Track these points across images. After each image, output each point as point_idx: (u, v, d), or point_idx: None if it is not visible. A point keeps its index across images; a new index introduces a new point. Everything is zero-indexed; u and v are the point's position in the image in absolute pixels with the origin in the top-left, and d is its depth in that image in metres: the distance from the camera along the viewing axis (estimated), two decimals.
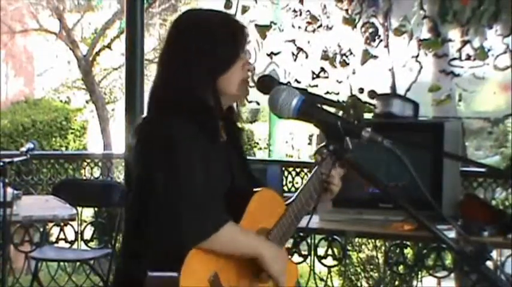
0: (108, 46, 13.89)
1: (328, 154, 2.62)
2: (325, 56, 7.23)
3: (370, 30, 7.07)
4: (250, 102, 5.44)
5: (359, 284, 8.00)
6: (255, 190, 2.61)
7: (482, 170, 6.13)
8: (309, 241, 5.95)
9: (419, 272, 6.17)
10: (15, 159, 5.66)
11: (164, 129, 2.48)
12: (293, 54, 7.30)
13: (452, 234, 4.15)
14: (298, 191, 2.67)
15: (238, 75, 2.57)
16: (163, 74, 2.60)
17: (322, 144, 2.70)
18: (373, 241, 7.65)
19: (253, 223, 2.55)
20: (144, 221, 2.47)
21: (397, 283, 7.04)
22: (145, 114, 2.62)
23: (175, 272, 2.36)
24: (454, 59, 6.78)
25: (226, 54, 2.55)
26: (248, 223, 2.53)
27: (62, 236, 6.86)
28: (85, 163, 8.13)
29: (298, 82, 7.16)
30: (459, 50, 6.69)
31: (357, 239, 7.75)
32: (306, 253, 6.00)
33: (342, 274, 7.59)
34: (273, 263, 2.51)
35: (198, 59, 2.54)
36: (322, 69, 7.21)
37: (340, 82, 7.18)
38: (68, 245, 6.86)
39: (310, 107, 2.34)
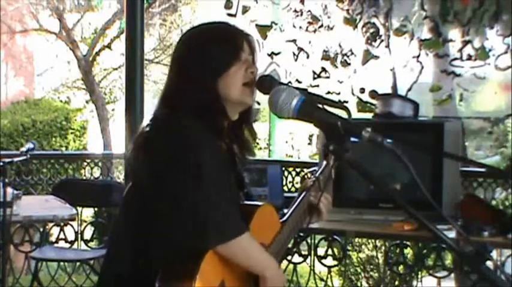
0: (108, 46, 13.88)
1: (317, 178, 2.71)
2: (326, 56, 7.24)
3: (371, 30, 7.08)
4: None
5: (359, 284, 8.00)
6: (257, 204, 2.63)
7: (482, 170, 6.13)
8: (309, 241, 5.95)
9: (419, 272, 6.17)
10: (15, 159, 5.67)
11: (184, 129, 2.47)
12: (294, 54, 7.31)
13: (452, 234, 4.15)
14: (290, 211, 2.70)
15: (238, 77, 2.56)
16: (169, 80, 2.63)
17: (312, 169, 2.77)
18: (373, 241, 7.65)
19: (255, 238, 2.55)
20: (153, 218, 2.44)
21: (397, 283, 7.04)
22: (152, 113, 2.61)
23: (187, 273, 2.35)
24: (455, 59, 6.79)
25: (223, 55, 2.55)
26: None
27: (62, 236, 6.85)
28: (85, 163, 8.12)
29: (299, 82, 7.16)
30: (460, 50, 6.71)
31: (357, 239, 7.75)
32: (306, 253, 6.00)
33: (342, 274, 7.59)
34: (273, 283, 2.52)
35: (197, 62, 2.56)
36: (323, 69, 7.21)
37: (341, 82, 7.19)
38: (68, 245, 6.85)
39: (310, 107, 2.34)
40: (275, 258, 2.60)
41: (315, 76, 7.20)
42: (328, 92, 6.90)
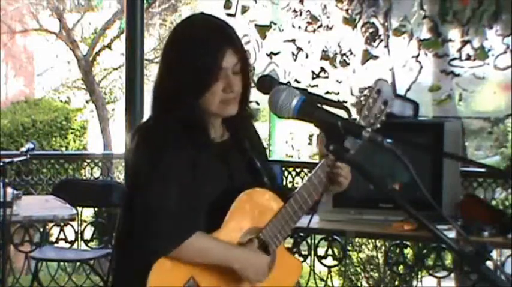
0: (108, 46, 13.89)
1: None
2: (325, 56, 7.22)
3: (370, 30, 7.07)
4: (250, 102, 5.45)
5: (359, 284, 8.01)
6: (250, 190, 2.58)
7: (482, 170, 6.13)
8: (309, 241, 5.96)
9: (419, 272, 6.17)
10: (15, 159, 5.66)
11: (149, 137, 2.52)
12: (293, 54, 7.30)
13: (452, 234, 4.16)
14: (301, 185, 2.62)
15: (217, 97, 2.54)
16: (157, 83, 2.63)
17: None
18: (373, 241, 7.65)
19: (240, 223, 2.54)
20: (128, 225, 2.52)
21: (397, 283, 7.04)
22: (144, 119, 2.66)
23: (144, 271, 2.39)
24: (454, 59, 6.78)
25: (204, 76, 2.52)
26: (233, 224, 2.52)
27: (62, 236, 6.85)
28: (85, 163, 8.12)
29: (298, 82, 7.15)
30: (459, 50, 6.70)
31: (357, 239, 7.75)
32: (306, 253, 6.00)
33: (342, 274, 7.59)
34: (246, 272, 2.51)
35: (179, 76, 2.54)
36: (322, 69, 7.20)
37: (340, 82, 7.18)
38: (68, 245, 6.85)
39: (310, 107, 2.34)
40: (275, 239, 2.58)
41: (314, 76, 7.19)
42: (327, 92, 6.89)
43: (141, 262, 2.41)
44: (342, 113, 2.59)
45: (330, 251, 5.95)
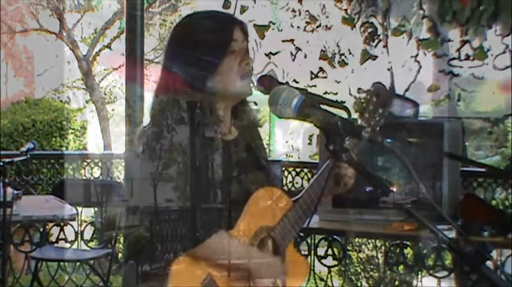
0: (108, 46, 13.89)
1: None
2: (323, 56, 7.23)
3: (369, 30, 7.07)
4: (249, 102, 5.43)
5: (359, 284, 8.00)
6: (262, 190, 2.59)
7: (482, 170, 6.13)
8: (309, 241, 5.96)
9: (419, 272, 6.17)
10: (15, 159, 5.67)
11: (156, 139, 2.48)
12: (292, 54, 7.30)
13: (452, 234, 4.15)
14: (308, 185, 2.64)
15: (232, 73, 2.53)
16: (159, 81, 2.62)
17: None
18: (373, 241, 7.65)
19: (252, 223, 2.55)
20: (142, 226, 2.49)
21: (397, 283, 7.04)
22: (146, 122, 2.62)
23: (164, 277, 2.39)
24: (453, 59, 6.78)
25: (211, 54, 2.51)
26: (246, 224, 2.52)
27: (62, 236, 6.85)
28: (85, 163, 8.12)
29: (297, 82, 7.15)
30: (458, 50, 6.69)
31: (357, 239, 7.75)
32: (306, 253, 6.00)
33: (342, 274, 7.59)
34: (261, 274, 2.52)
35: (185, 63, 2.52)
36: (321, 69, 7.20)
37: (338, 82, 7.18)
38: (68, 245, 6.85)
39: (310, 107, 2.34)
40: (284, 237, 2.59)
41: (313, 76, 7.19)
42: (326, 92, 6.89)
43: (158, 262, 2.41)
44: (342, 113, 2.60)
45: (330, 251, 5.95)
